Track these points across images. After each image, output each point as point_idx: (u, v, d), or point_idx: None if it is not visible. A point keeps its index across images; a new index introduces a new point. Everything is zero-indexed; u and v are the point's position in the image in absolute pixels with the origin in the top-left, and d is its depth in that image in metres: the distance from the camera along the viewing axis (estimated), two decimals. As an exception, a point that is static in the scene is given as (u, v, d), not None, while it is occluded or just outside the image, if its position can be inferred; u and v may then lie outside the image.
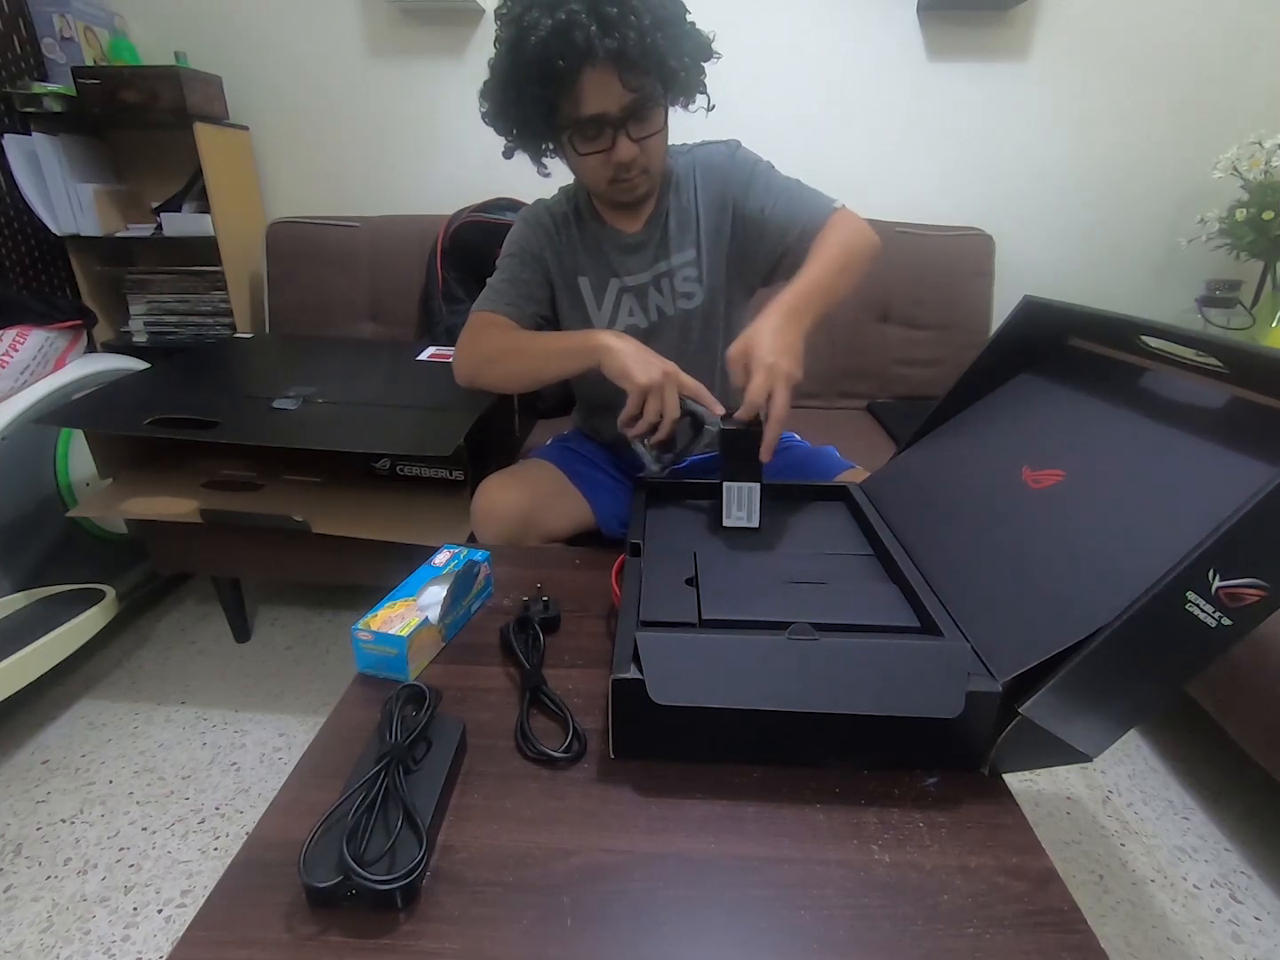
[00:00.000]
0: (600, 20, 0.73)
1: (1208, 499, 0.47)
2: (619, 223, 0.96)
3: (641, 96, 0.78)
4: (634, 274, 0.96)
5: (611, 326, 0.98)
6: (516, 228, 0.99)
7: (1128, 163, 1.68)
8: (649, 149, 0.84)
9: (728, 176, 0.94)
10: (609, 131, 0.80)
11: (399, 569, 0.71)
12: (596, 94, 0.77)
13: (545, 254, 0.96)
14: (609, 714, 0.53)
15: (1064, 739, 0.51)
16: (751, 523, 0.74)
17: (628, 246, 0.96)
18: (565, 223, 0.97)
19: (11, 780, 1.14)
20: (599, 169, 0.84)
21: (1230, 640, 0.45)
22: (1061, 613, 0.50)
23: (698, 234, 0.95)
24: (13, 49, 1.57)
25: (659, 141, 0.85)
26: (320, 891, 0.41)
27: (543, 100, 0.78)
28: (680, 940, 0.41)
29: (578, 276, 0.97)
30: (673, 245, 0.95)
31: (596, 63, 0.75)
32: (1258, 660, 0.89)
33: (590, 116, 0.79)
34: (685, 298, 0.97)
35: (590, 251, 0.96)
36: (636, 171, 0.85)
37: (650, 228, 0.95)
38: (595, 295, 0.97)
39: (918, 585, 0.61)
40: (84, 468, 1.37)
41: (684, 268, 0.96)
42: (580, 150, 0.83)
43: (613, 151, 0.81)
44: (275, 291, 1.70)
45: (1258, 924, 0.94)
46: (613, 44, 0.73)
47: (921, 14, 1.60)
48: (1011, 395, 0.76)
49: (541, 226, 0.97)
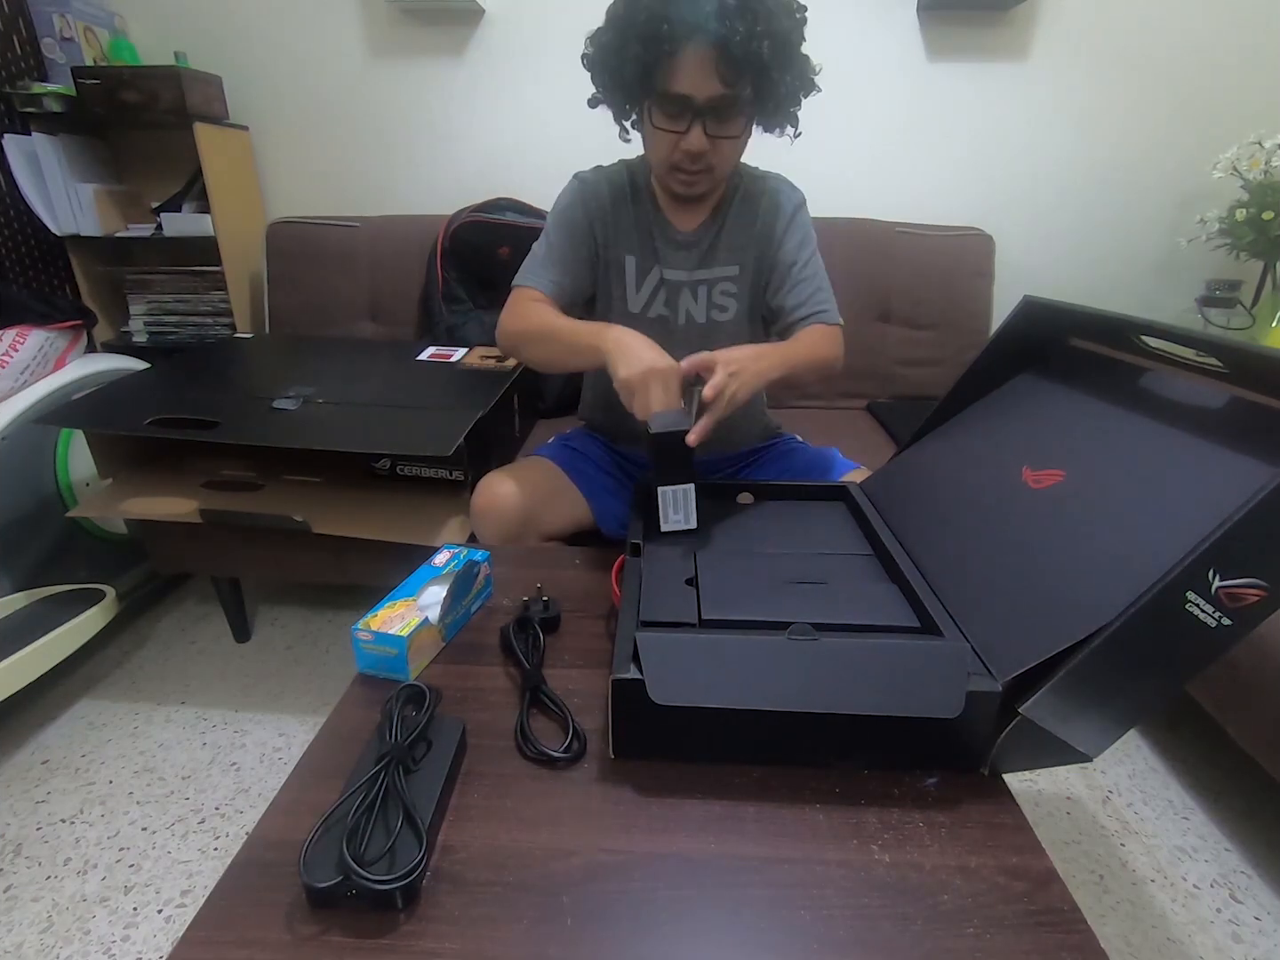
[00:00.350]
0: (721, 5, 0.74)
1: (1208, 499, 0.47)
2: (674, 216, 0.96)
3: (731, 94, 0.79)
4: (675, 270, 0.96)
5: (645, 312, 0.99)
6: (571, 190, 0.96)
7: (1128, 163, 1.68)
8: (720, 150, 0.84)
9: (784, 223, 0.96)
10: (689, 116, 0.80)
11: (399, 569, 0.71)
12: (690, 74, 0.77)
13: (594, 225, 0.95)
14: (609, 714, 0.53)
15: (1064, 739, 0.51)
16: (689, 524, 0.74)
17: (676, 242, 0.96)
18: (621, 197, 0.96)
19: (11, 780, 1.14)
20: (667, 149, 0.84)
21: (1230, 640, 0.45)
22: (1062, 612, 0.50)
23: (746, 254, 0.96)
24: (13, 49, 1.56)
25: (732, 148, 0.86)
26: (320, 891, 0.41)
27: (641, 61, 0.78)
28: (680, 940, 0.41)
29: (625, 254, 0.97)
30: (720, 256, 0.96)
31: (700, 43, 0.75)
32: (1258, 660, 0.89)
33: (676, 94, 0.79)
34: (719, 309, 0.98)
35: (641, 231, 0.96)
36: (701, 167, 0.85)
37: (703, 231, 0.96)
38: (638, 276, 0.97)
39: (918, 585, 0.61)
40: (84, 468, 1.37)
41: (725, 281, 0.97)
42: (656, 124, 0.83)
43: (685, 138, 0.81)
44: (275, 291, 1.70)
45: (1258, 924, 0.94)
46: (722, 30, 0.74)
47: (921, 14, 1.60)
48: (1011, 395, 0.76)
49: (597, 195, 0.95)
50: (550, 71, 1.67)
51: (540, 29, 1.64)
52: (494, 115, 1.72)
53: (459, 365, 1.41)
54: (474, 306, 1.63)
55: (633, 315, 0.99)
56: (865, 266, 1.62)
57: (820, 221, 0.94)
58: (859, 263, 1.61)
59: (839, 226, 1.60)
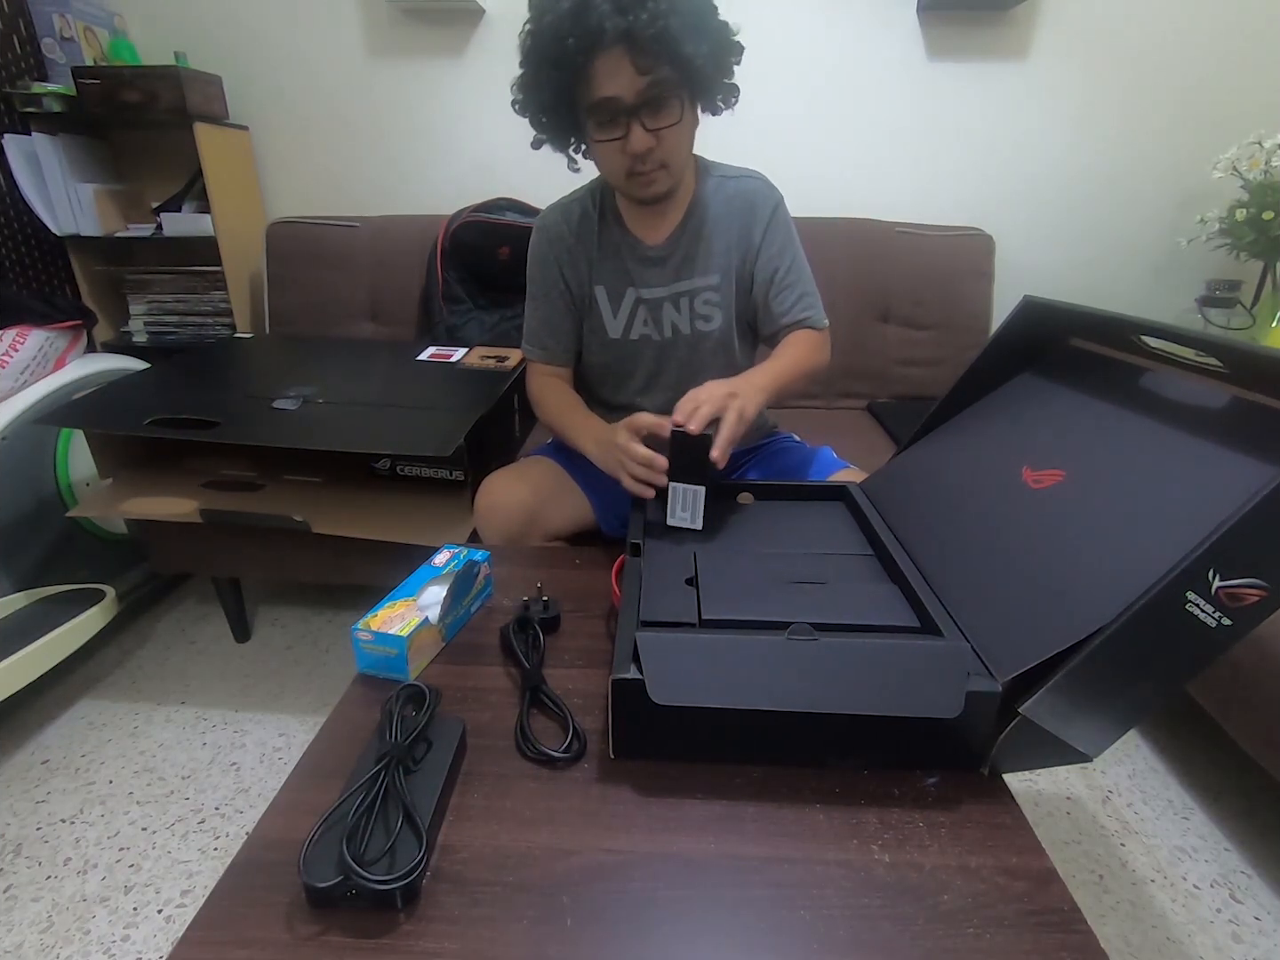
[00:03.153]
0: (615, 2, 0.72)
1: (1207, 499, 0.47)
2: (641, 232, 0.94)
3: (655, 82, 0.77)
4: (651, 288, 0.95)
5: (627, 336, 0.98)
6: (533, 244, 0.97)
7: (1128, 162, 1.68)
8: (666, 142, 0.82)
9: (762, 227, 0.94)
10: (623, 119, 0.79)
11: (399, 569, 0.71)
12: (609, 77, 0.76)
13: (562, 270, 0.96)
14: (609, 714, 0.53)
15: (1064, 739, 0.51)
16: (695, 524, 0.74)
17: (647, 259, 0.94)
18: (587, 225, 0.95)
19: (11, 780, 1.14)
20: (615, 158, 0.83)
21: (1230, 640, 0.45)
22: (1061, 613, 0.50)
23: (726, 260, 0.94)
24: (13, 49, 1.56)
25: (677, 134, 0.83)
26: (320, 891, 0.41)
27: (559, 82, 0.78)
28: (680, 940, 0.41)
29: (594, 286, 0.96)
30: (697, 266, 0.94)
31: (608, 44, 0.74)
32: (1258, 660, 0.89)
33: (601, 99, 0.78)
34: (704, 319, 0.97)
35: (609, 256, 0.95)
36: (653, 165, 0.83)
37: (673, 243, 0.94)
38: (611, 304, 0.96)
39: (918, 585, 0.61)
40: (84, 468, 1.37)
41: (706, 291, 0.95)
42: (596, 137, 0.82)
43: (627, 140, 0.80)
44: (275, 291, 1.70)
45: (1258, 924, 0.94)
46: (623, 23, 0.72)
47: (921, 14, 1.60)
48: (1012, 395, 0.76)
49: (559, 238, 0.95)
50: (550, 71, 1.67)
51: (540, 29, 1.64)
52: (494, 115, 1.72)
53: (459, 365, 1.41)
54: (474, 306, 1.63)
55: (614, 341, 0.98)
56: (865, 266, 1.61)
57: (820, 221, 0.93)
58: (859, 263, 1.61)
59: (839, 226, 1.61)
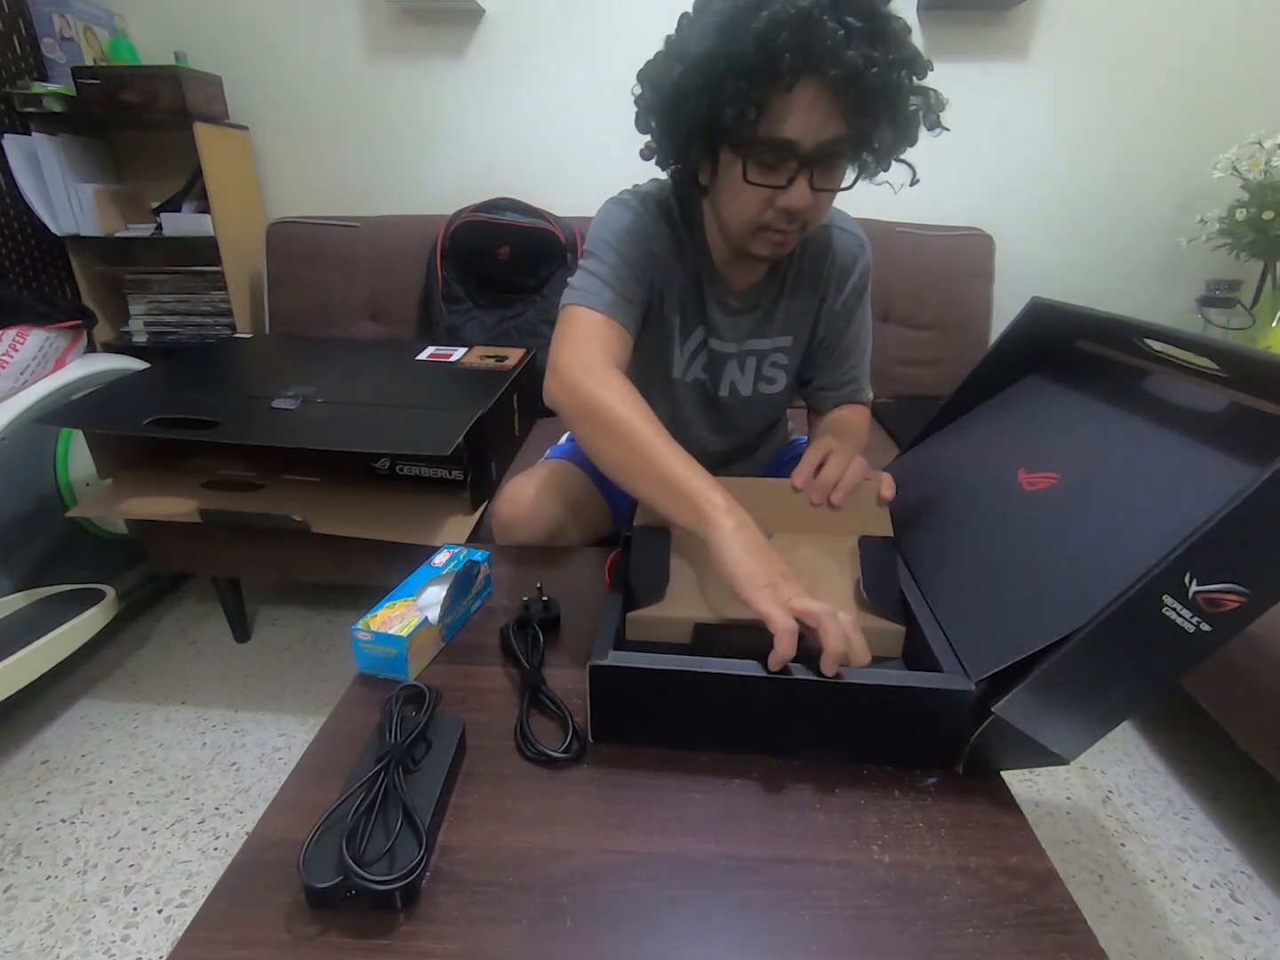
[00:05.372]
0: (848, 30, 0.58)
1: (1192, 503, 0.46)
2: (729, 271, 0.82)
3: (852, 137, 0.65)
4: (722, 340, 0.86)
5: (683, 377, 0.89)
6: (633, 212, 0.79)
7: (1128, 162, 1.68)
8: (821, 205, 0.70)
9: (853, 295, 0.87)
10: (791, 167, 0.66)
11: (399, 569, 0.71)
12: (803, 114, 0.62)
13: (655, 264, 0.80)
14: (588, 700, 0.53)
15: (1038, 739, 0.50)
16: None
17: (726, 307, 0.84)
18: (675, 239, 0.81)
19: (11, 780, 1.14)
20: (756, 208, 0.69)
21: (1211, 646, 0.44)
22: (1040, 614, 0.50)
23: (804, 322, 0.87)
24: (13, 49, 1.56)
25: (830, 200, 0.73)
26: (320, 892, 0.41)
27: (747, 100, 0.61)
28: (680, 940, 0.41)
29: (672, 311, 0.84)
30: (775, 326, 0.86)
31: (826, 77, 0.59)
32: (1257, 660, 0.89)
33: (781, 140, 0.64)
34: (768, 381, 0.90)
35: (691, 286, 0.83)
36: (795, 226, 0.71)
37: (759, 294, 0.84)
38: (682, 336, 0.86)
39: (904, 584, 0.62)
40: (84, 468, 1.36)
41: (777, 353, 0.88)
42: (750, 178, 0.67)
43: (785, 193, 0.67)
44: (275, 291, 1.70)
45: (1258, 924, 0.94)
46: (857, 61, 0.58)
47: (921, 14, 1.60)
48: (1017, 397, 0.76)
49: (657, 234, 0.80)
50: (550, 71, 1.67)
51: (540, 29, 1.64)
52: (494, 115, 1.72)
53: (459, 365, 1.41)
54: (474, 306, 1.63)
55: (674, 381, 0.89)
56: (865, 266, 1.62)
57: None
58: (859, 263, 1.61)
59: (839, 226, 1.61)
